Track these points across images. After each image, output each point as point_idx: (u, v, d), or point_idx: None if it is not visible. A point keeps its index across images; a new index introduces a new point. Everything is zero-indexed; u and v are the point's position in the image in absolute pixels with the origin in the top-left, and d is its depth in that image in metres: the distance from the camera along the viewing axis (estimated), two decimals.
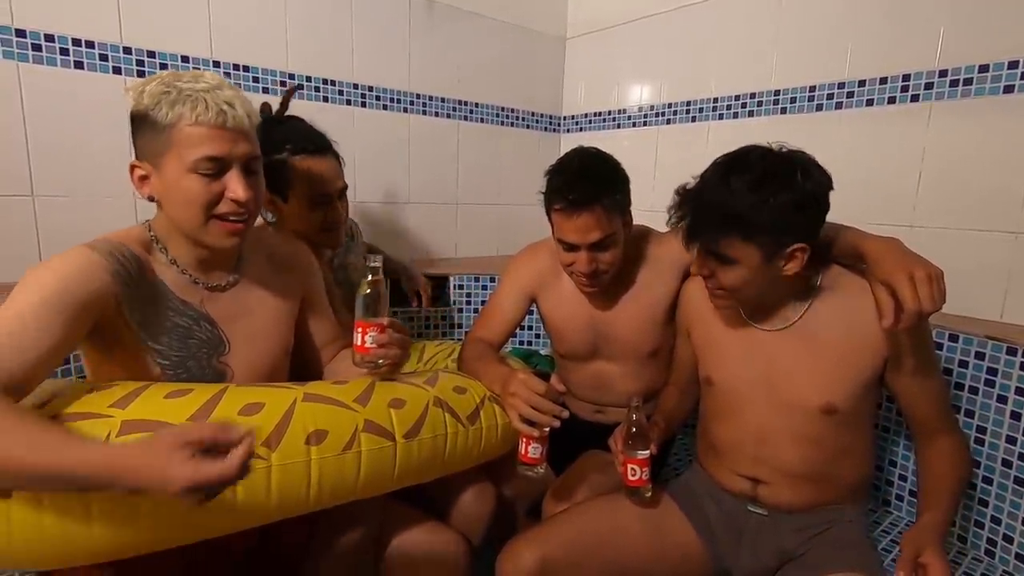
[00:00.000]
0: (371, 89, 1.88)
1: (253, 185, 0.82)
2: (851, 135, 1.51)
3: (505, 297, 1.26)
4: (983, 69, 1.28)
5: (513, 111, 2.28)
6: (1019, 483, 1.09)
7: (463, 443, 0.93)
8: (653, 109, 2.08)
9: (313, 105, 1.75)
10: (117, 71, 1.44)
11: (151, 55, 1.48)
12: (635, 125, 2.14)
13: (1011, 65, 1.24)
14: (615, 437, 1.01)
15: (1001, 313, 1.27)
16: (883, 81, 1.45)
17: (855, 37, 1.50)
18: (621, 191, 1.10)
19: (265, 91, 1.66)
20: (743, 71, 1.78)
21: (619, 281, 1.20)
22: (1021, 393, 1.09)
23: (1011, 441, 1.10)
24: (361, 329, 0.88)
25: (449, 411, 0.92)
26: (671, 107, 2.02)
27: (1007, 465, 1.11)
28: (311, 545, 0.89)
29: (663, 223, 1.28)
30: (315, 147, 1.14)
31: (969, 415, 1.16)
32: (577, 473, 1.15)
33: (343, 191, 1.21)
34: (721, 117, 1.85)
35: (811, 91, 1.60)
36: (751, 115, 1.76)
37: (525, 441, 0.93)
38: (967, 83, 1.30)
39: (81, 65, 1.39)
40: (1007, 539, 1.11)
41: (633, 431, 0.97)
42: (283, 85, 1.69)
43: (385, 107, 1.91)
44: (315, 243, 1.16)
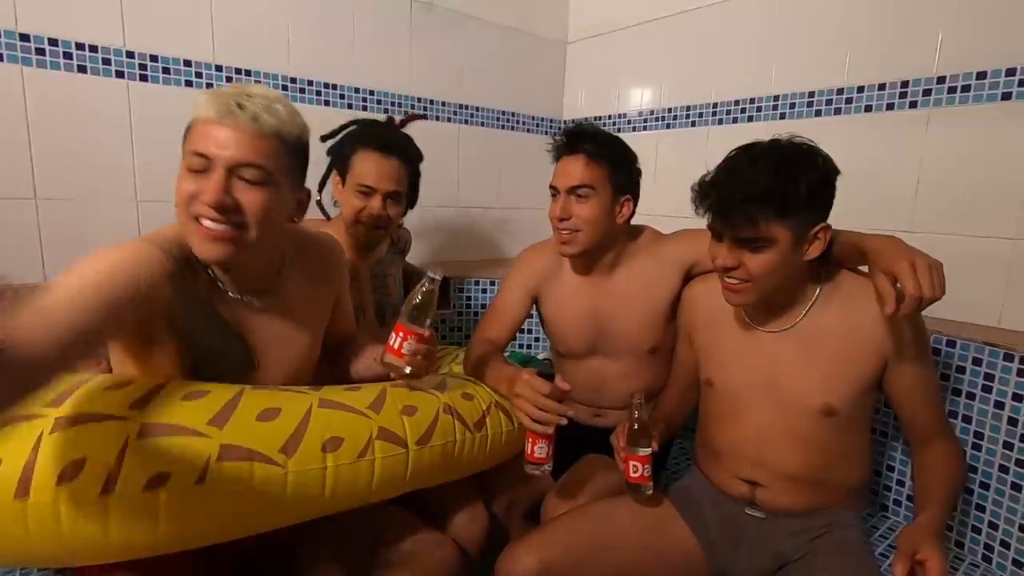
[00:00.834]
0: (372, 93, 1.89)
1: (239, 192, 0.74)
2: (850, 141, 1.51)
3: (509, 295, 1.28)
4: (981, 76, 1.28)
5: (514, 115, 2.28)
6: (1016, 488, 1.10)
7: (470, 449, 0.95)
8: (653, 113, 2.09)
9: (314, 109, 1.75)
10: (120, 75, 1.45)
11: (154, 59, 1.49)
12: (635, 129, 2.15)
13: (1008, 72, 1.25)
14: (617, 433, 1.02)
15: (999, 319, 1.28)
16: (882, 87, 1.46)
17: (854, 43, 1.51)
18: (613, 156, 1.16)
19: None
20: (743, 76, 1.78)
21: (620, 274, 1.23)
22: (1018, 399, 1.09)
23: (1008, 447, 1.11)
24: (402, 334, 0.88)
25: (458, 418, 0.94)
26: (671, 112, 2.02)
27: (1004, 471, 1.11)
28: (308, 548, 0.90)
29: (663, 226, 1.30)
30: (380, 145, 1.23)
31: (967, 420, 1.16)
32: (577, 476, 1.15)
33: (391, 194, 1.24)
34: (721, 122, 1.86)
35: (810, 97, 1.61)
36: (751, 120, 1.77)
37: (532, 440, 0.95)
38: (965, 90, 1.31)
39: (84, 69, 1.40)
40: (1004, 544, 1.12)
41: (635, 427, 0.98)
42: (285, 89, 1.70)
43: (387, 110, 1.92)
44: (354, 236, 1.26)
